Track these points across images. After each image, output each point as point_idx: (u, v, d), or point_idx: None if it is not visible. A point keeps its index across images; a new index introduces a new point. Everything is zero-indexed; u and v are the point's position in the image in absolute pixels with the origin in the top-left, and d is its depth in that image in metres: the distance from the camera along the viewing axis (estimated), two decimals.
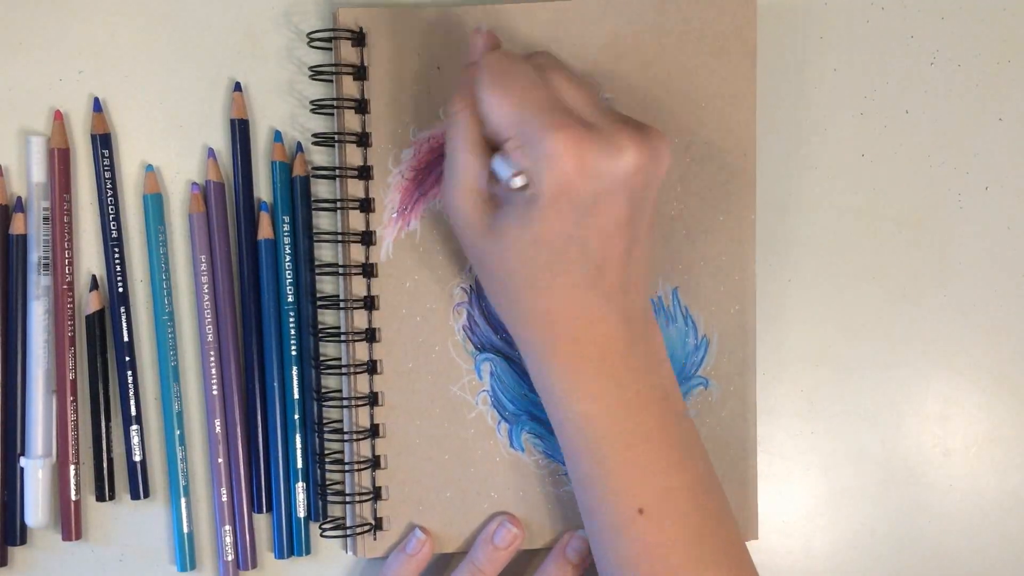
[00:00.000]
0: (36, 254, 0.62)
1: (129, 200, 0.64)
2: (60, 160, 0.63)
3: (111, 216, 0.63)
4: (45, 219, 0.63)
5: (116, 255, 0.63)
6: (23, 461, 0.63)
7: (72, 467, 0.63)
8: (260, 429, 0.64)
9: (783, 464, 0.67)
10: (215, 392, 0.63)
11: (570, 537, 0.64)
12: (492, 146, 0.55)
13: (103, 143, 0.63)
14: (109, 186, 0.63)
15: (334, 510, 0.64)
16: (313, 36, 0.62)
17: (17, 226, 0.63)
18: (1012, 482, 0.68)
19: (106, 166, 0.63)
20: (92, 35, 0.64)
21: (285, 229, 0.63)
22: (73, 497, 0.64)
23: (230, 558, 0.64)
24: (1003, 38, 0.67)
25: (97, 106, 0.63)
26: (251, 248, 0.64)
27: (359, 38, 0.62)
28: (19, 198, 0.63)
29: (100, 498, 0.64)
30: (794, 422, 0.67)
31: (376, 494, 0.63)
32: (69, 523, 0.64)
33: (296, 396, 0.63)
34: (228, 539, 0.64)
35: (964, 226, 0.67)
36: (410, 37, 0.62)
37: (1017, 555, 0.68)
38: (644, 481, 0.56)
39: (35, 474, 0.63)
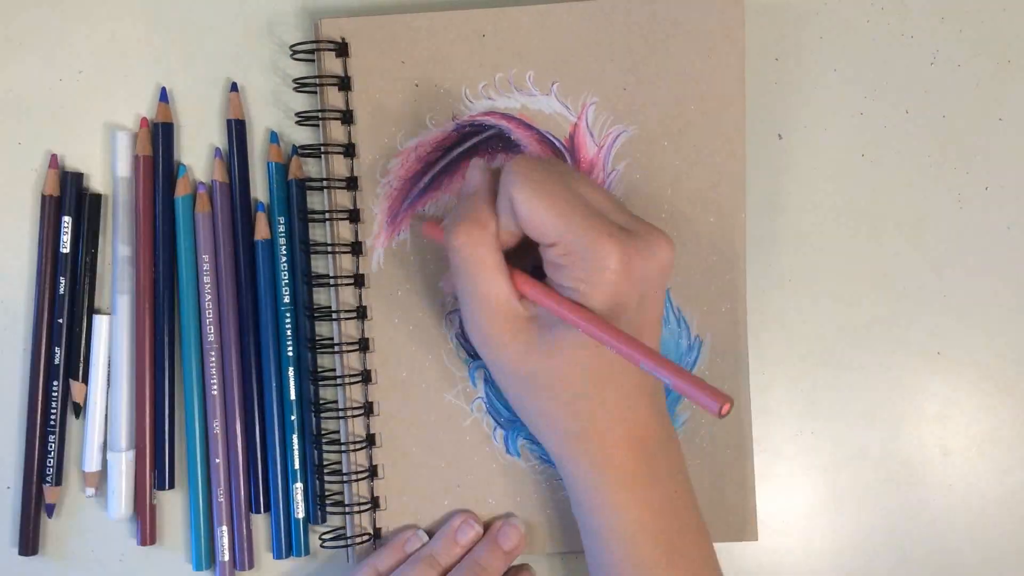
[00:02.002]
0: (127, 249, 0.64)
1: None
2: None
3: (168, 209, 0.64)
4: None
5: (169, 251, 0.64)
6: (109, 455, 0.64)
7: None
8: (258, 430, 0.64)
9: (783, 464, 0.67)
10: (215, 392, 0.64)
11: (503, 524, 0.63)
12: (506, 247, 0.56)
13: (165, 132, 0.64)
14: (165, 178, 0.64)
15: (334, 519, 0.65)
16: (296, 49, 0.63)
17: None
18: (1012, 482, 0.68)
19: (166, 155, 0.64)
20: (92, 35, 0.64)
21: (281, 230, 0.63)
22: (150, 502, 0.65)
23: (226, 558, 0.64)
24: (1003, 38, 0.66)
25: (164, 96, 0.64)
26: (248, 249, 0.64)
27: (342, 49, 0.62)
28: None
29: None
30: (794, 422, 0.67)
31: (374, 504, 0.63)
32: (146, 525, 0.65)
33: (293, 397, 0.64)
34: (225, 539, 0.64)
35: (964, 226, 0.67)
36: (394, 45, 0.62)
37: (1017, 555, 0.67)
38: None
39: (119, 467, 0.64)
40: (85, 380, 0.64)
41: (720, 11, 0.62)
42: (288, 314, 0.63)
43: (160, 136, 0.64)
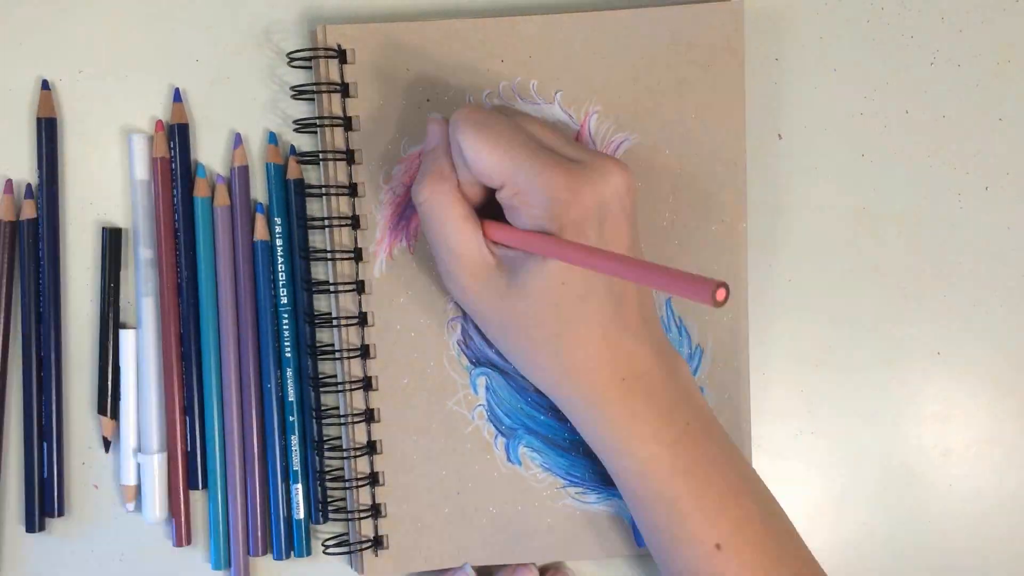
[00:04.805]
0: (149, 252, 0.64)
1: None
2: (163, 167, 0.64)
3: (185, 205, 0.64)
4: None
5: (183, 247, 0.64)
6: (140, 457, 0.64)
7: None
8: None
9: (783, 465, 0.67)
10: (232, 386, 0.64)
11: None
12: (475, 202, 0.57)
13: (180, 132, 0.64)
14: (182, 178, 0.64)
15: (337, 526, 0.65)
16: (293, 56, 0.62)
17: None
18: (1012, 482, 0.68)
19: (183, 155, 0.64)
20: (92, 35, 0.64)
21: (278, 231, 0.63)
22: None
23: (241, 553, 0.64)
24: (1003, 38, 0.66)
25: (177, 96, 0.64)
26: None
27: (340, 56, 0.62)
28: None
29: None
30: (794, 423, 0.67)
31: (376, 511, 0.63)
32: (180, 526, 0.65)
33: (291, 399, 0.63)
34: (240, 534, 0.64)
35: (964, 226, 0.67)
36: (398, 53, 0.62)
37: (1017, 555, 0.68)
38: (718, 514, 0.56)
39: (152, 468, 0.64)
40: (116, 393, 0.64)
41: (720, 23, 0.62)
42: (286, 316, 0.63)
43: (176, 137, 0.63)
